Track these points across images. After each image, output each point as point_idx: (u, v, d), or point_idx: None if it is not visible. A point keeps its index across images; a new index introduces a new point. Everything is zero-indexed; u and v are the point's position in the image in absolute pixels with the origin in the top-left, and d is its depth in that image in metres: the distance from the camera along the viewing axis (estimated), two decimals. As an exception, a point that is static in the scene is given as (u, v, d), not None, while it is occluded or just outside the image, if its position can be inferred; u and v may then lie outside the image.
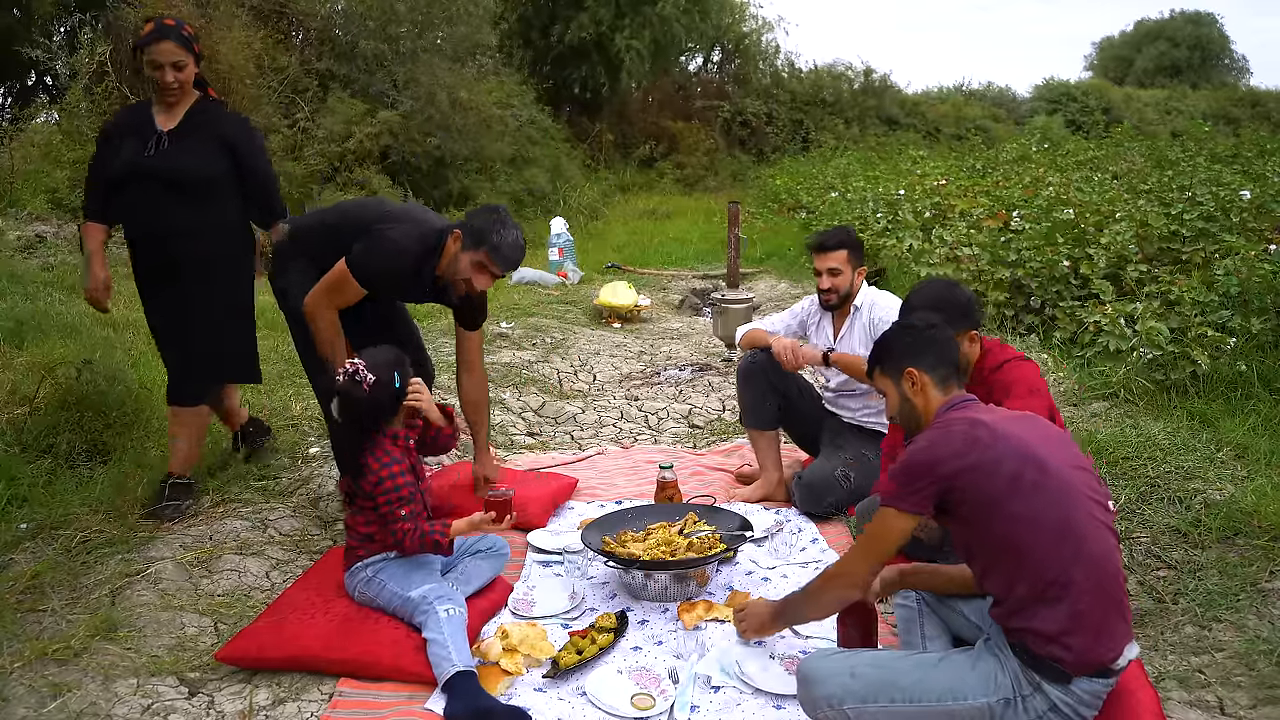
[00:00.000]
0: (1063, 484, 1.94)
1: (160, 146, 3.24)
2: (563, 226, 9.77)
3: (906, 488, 2.01)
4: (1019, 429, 2.01)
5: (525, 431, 4.92)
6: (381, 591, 2.71)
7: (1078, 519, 1.92)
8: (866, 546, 2.11)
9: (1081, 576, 1.90)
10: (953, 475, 1.96)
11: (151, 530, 3.25)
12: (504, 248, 3.07)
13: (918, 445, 2.06)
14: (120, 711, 2.36)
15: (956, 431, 2.02)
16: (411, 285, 3.26)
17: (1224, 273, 4.52)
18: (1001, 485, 1.93)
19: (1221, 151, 11.57)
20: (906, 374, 2.20)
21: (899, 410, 2.25)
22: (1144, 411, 3.93)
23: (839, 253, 3.57)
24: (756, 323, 4.01)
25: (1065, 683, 1.93)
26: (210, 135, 3.30)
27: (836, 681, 1.98)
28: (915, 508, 2.01)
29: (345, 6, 11.49)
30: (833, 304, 3.65)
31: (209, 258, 3.34)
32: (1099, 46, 42.84)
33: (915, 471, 2.01)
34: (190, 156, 3.26)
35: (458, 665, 2.42)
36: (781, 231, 12.10)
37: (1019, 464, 1.93)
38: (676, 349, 6.89)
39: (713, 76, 22.81)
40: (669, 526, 3.17)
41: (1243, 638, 2.49)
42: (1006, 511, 1.92)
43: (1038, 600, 1.91)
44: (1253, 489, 3.05)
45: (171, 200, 3.24)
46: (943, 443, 2.01)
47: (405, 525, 2.67)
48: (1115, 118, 24.19)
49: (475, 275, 3.12)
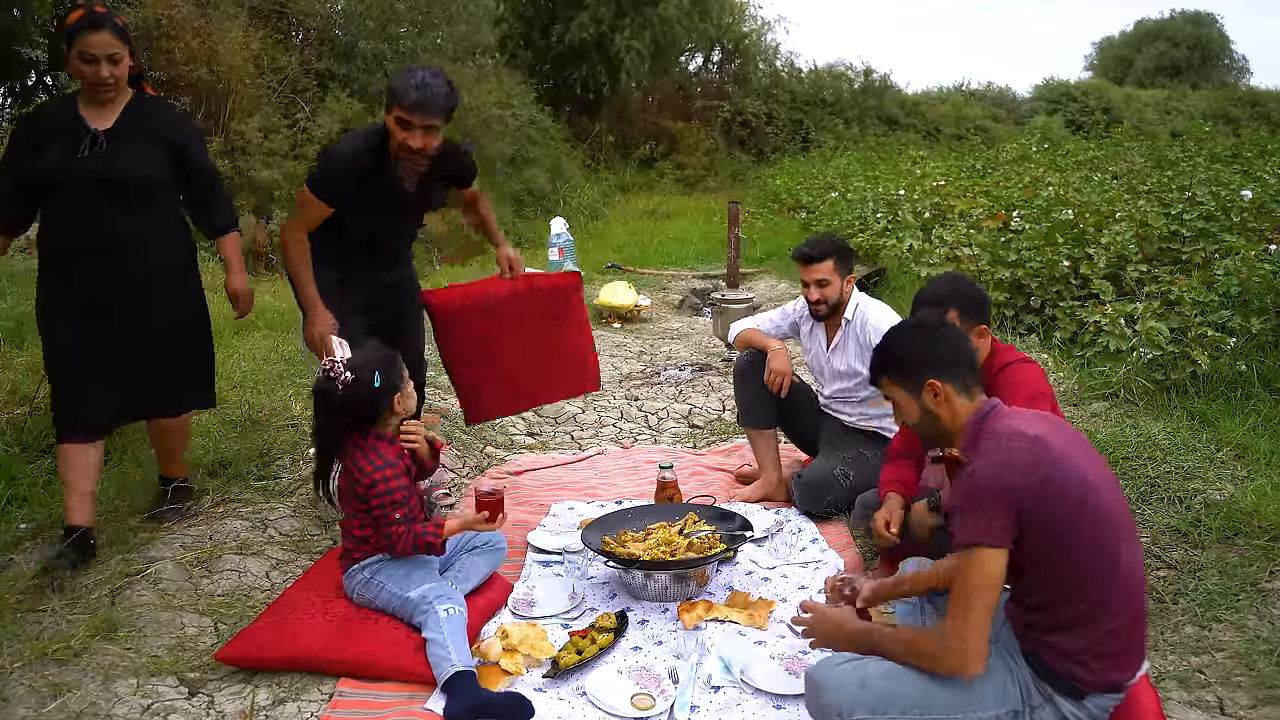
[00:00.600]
0: (1115, 511, 1.92)
1: (97, 148, 2.90)
2: (563, 226, 9.75)
3: (988, 521, 1.85)
4: (1074, 450, 1.92)
5: (525, 431, 4.92)
6: (380, 592, 2.70)
7: (1127, 549, 1.91)
8: (967, 605, 1.86)
9: (1118, 602, 1.90)
10: (1025, 498, 1.84)
11: (151, 530, 3.25)
12: (408, 90, 2.90)
13: (983, 471, 1.90)
14: (120, 711, 2.36)
15: (1020, 449, 1.88)
16: (375, 186, 3.08)
17: (1224, 273, 4.52)
18: (1069, 509, 1.85)
19: (1221, 152, 11.57)
20: (928, 387, 2.06)
21: (919, 422, 2.12)
22: (1144, 411, 3.93)
23: (825, 263, 3.50)
24: (748, 321, 3.94)
25: (1079, 698, 1.93)
26: (151, 135, 2.98)
27: (846, 691, 1.96)
28: (1001, 539, 1.85)
29: (345, 6, 11.49)
30: (822, 314, 3.59)
31: (153, 270, 3.03)
32: (1099, 46, 42.85)
33: (989, 500, 1.86)
34: (132, 158, 2.93)
35: (457, 665, 2.42)
36: (781, 231, 12.10)
37: (1081, 489, 1.87)
38: (676, 349, 6.89)
39: (713, 76, 22.80)
40: (669, 526, 3.17)
41: (1243, 638, 2.49)
42: (1071, 536, 1.86)
43: (1071, 624, 1.90)
44: (1253, 489, 3.05)
45: (110, 207, 2.92)
46: (1009, 465, 1.87)
47: (399, 529, 2.65)
48: (1115, 118, 24.19)
49: (403, 136, 2.96)
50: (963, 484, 1.92)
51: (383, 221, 3.26)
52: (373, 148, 3.06)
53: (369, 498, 2.66)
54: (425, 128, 2.96)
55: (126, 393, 3.04)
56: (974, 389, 2.08)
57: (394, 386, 2.73)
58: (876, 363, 2.19)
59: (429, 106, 2.93)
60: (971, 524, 1.86)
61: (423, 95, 2.90)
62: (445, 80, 2.98)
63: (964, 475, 1.93)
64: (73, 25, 2.84)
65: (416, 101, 2.90)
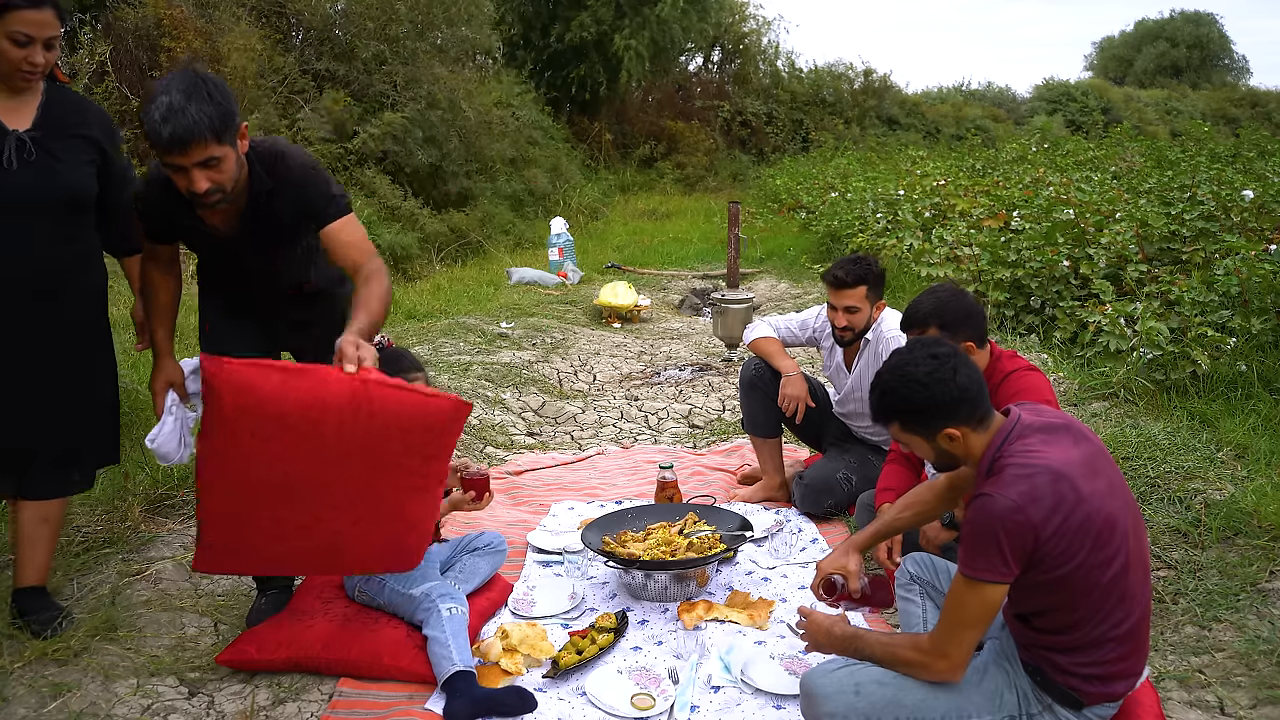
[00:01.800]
0: (1131, 547, 1.89)
1: (26, 157, 2.36)
2: (563, 226, 9.78)
3: (998, 558, 1.81)
4: (1094, 486, 1.85)
5: (525, 431, 4.92)
6: (382, 590, 2.70)
7: (1137, 579, 1.90)
8: (962, 626, 1.86)
9: (1125, 630, 1.90)
10: (1042, 535, 1.80)
11: (152, 530, 3.25)
12: (156, 128, 2.13)
13: (999, 508, 1.81)
14: (120, 711, 2.36)
15: (1043, 487, 1.81)
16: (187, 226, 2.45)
17: (1224, 273, 4.52)
18: (1087, 547, 1.82)
19: (1221, 152, 11.58)
20: (944, 435, 1.96)
21: (934, 460, 2.06)
22: (1144, 411, 3.93)
23: (857, 290, 3.33)
24: (765, 326, 3.76)
25: (1078, 709, 1.93)
26: (76, 135, 2.47)
27: (841, 699, 1.96)
28: (1006, 576, 1.82)
29: (345, 6, 11.48)
30: (847, 341, 3.45)
31: (73, 301, 2.51)
32: (1099, 47, 42.95)
33: (1003, 536, 1.80)
34: (67, 169, 2.42)
35: (458, 665, 2.41)
36: (781, 231, 12.11)
37: (1102, 525, 1.83)
38: (676, 349, 6.89)
39: (713, 76, 22.82)
40: (669, 526, 3.17)
41: (1243, 638, 2.49)
42: (1085, 573, 1.83)
43: (1076, 648, 1.90)
44: (1253, 489, 3.05)
45: (34, 228, 2.39)
46: (1031, 501, 1.79)
47: None
48: (1115, 118, 24.22)
49: (182, 183, 2.23)
50: (978, 513, 1.84)
51: (234, 270, 2.57)
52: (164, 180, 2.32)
53: None
54: (201, 163, 2.18)
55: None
56: (988, 418, 1.98)
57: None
58: (880, 409, 2.04)
59: (190, 138, 2.14)
60: (980, 557, 1.82)
61: (175, 129, 2.12)
62: (202, 90, 2.17)
63: (981, 502, 1.85)
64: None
65: (171, 139, 2.13)
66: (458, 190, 11.84)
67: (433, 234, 10.41)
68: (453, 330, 6.65)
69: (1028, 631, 1.97)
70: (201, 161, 2.18)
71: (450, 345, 6.25)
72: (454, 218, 11.12)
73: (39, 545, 2.60)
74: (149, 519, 3.30)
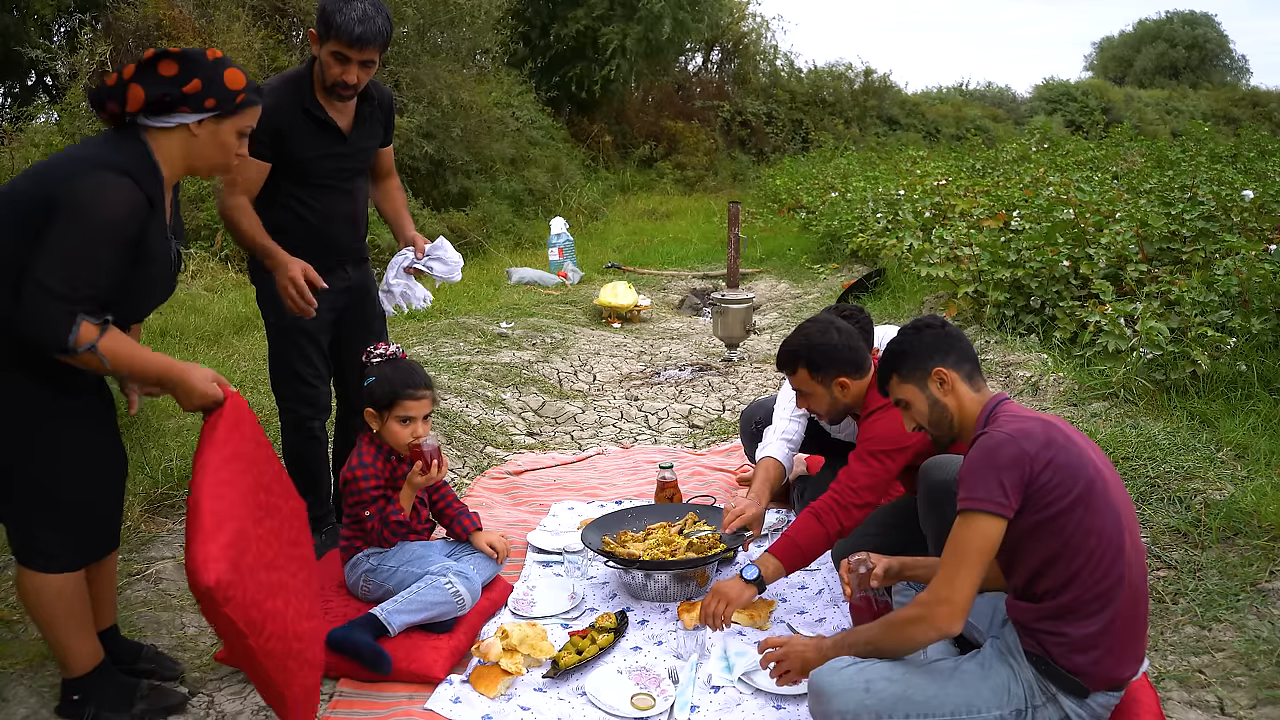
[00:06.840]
0: (1120, 504, 1.95)
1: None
2: (563, 226, 9.78)
3: (995, 486, 1.86)
4: (1083, 441, 1.98)
5: (525, 431, 4.92)
6: (393, 575, 2.76)
7: (1130, 541, 1.94)
8: (960, 564, 1.89)
9: (1122, 596, 1.91)
10: (1040, 469, 1.86)
11: (152, 530, 3.24)
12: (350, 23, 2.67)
13: (995, 440, 1.91)
14: (120, 711, 2.35)
15: (1034, 426, 1.92)
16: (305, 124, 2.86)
17: (1224, 273, 4.52)
18: (1080, 489, 1.88)
19: (1222, 152, 11.58)
20: (935, 374, 2.10)
21: (929, 416, 2.14)
22: (1144, 411, 3.93)
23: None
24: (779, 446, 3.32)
25: (1082, 696, 1.94)
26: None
27: (852, 697, 1.96)
28: (1004, 508, 1.86)
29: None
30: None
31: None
32: (1099, 47, 42.98)
33: (1000, 465, 1.87)
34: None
35: (389, 621, 2.54)
36: (781, 231, 12.11)
37: (1093, 471, 1.90)
38: (676, 349, 6.89)
39: (712, 76, 22.82)
40: (669, 526, 3.18)
41: (1243, 638, 2.49)
42: (1078, 516, 1.88)
43: (1078, 610, 1.91)
44: (1253, 489, 3.05)
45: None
46: (1024, 436, 1.90)
47: (372, 524, 2.76)
48: (1115, 118, 24.21)
49: (339, 71, 2.74)
50: (976, 449, 1.94)
51: (328, 176, 2.93)
52: (293, 80, 2.84)
53: (345, 492, 2.79)
54: (363, 62, 2.75)
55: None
56: (979, 382, 2.13)
57: (392, 392, 2.74)
58: (883, 368, 2.23)
59: (371, 40, 2.70)
60: (980, 486, 1.88)
61: (366, 29, 2.67)
62: (385, 11, 2.76)
63: (979, 440, 1.96)
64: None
65: (360, 35, 2.67)
66: (458, 190, 11.84)
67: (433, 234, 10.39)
68: (453, 330, 6.65)
69: (1031, 608, 1.98)
70: (364, 61, 2.73)
71: (450, 345, 6.25)
72: (454, 217, 11.12)
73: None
74: (149, 519, 3.30)
